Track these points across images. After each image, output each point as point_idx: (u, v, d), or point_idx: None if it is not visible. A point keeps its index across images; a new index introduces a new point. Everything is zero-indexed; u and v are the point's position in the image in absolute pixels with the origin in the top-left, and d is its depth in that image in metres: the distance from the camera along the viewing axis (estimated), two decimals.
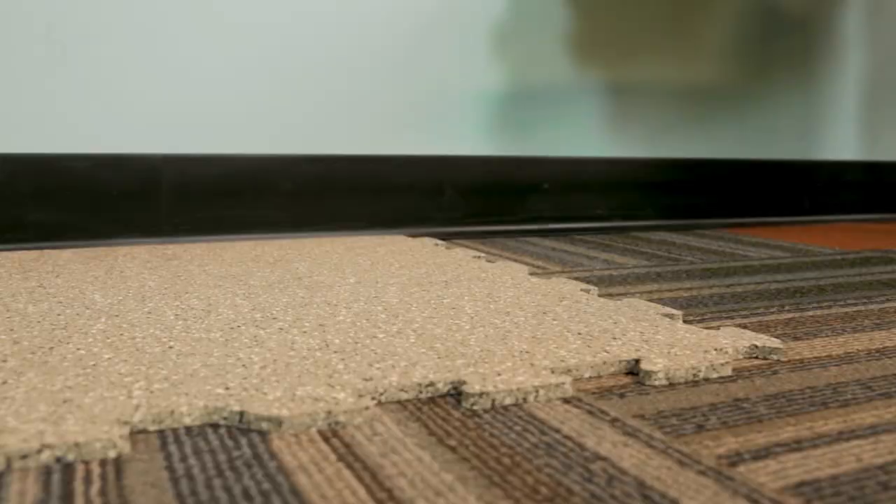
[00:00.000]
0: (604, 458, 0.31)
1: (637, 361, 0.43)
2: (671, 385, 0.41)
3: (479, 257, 0.77)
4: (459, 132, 0.97)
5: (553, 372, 0.41)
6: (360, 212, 0.92)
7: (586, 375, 0.42)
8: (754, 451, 0.32)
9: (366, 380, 0.39)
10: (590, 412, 0.37)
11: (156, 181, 0.82)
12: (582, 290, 0.62)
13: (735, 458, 0.32)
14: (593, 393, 0.40)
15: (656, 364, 0.42)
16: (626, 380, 0.42)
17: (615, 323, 0.51)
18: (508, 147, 0.99)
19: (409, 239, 0.90)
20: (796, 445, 0.33)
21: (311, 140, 0.89)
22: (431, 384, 0.39)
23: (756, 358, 0.46)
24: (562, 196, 1.02)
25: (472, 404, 0.37)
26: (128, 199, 0.81)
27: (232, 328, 0.48)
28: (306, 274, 0.66)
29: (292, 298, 0.56)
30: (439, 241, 0.86)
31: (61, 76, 0.78)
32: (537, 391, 0.38)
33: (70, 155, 0.79)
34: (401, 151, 0.93)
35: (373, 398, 0.38)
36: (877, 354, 0.47)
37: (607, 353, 0.44)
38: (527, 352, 0.44)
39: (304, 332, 0.47)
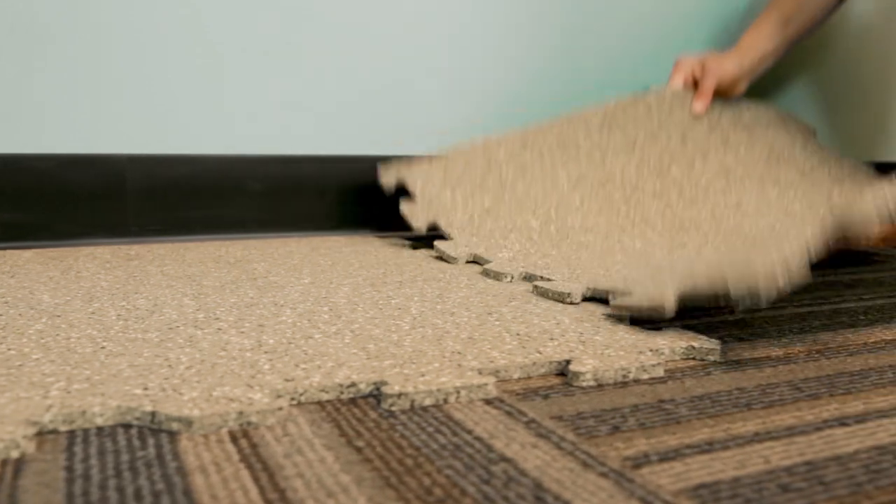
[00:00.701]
0: (508, 460, 0.31)
1: (568, 362, 0.42)
2: (599, 386, 0.41)
3: (453, 259, 0.76)
4: (428, 132, 0.97)
5: (480, 373, 0.41)
6: (329, 212, 0.92)
7: (515, 376, 0.42)
8: (663, 452, 0.32)
9: (287, 380, 0.38)
10: (508, 413, 0.36)
11: (121, 181, 0.81)
12: (531, 290, 0.62)
13: (642, 460, 0.31)
14: (518, 394, 0.39)
15: (585, 365, 0.41)
16: (556, 381, 0.42)
17: (557, 324, 0.51)
18: None
19: (377, 239, 0.90)
20: (707, 447, 0.33)
21: (279, 140, 0.88)
22: (353, 385, 0.39)
23: (693, 359, 0.46)
24: None
25: (391, 405, 0.37)
26: (93, 199, 0.81)
27: (170, 328, 0.48)
28: (262, 274, 0.66)
29: (240, 299, 0.56)
30: (406, 242, 0.86)
31: (25, 76, 0.78)
32: (458, 392, 0.38)
33: (35, 155, 0.79)
34: (371, 152, 0.93)
35: (292, 399, 0.37)
36: (816, 355, 0.47)
37: (540, 354, 0.43)
38: (459, 353, 0.43)
39: (242, 332, 0.47)
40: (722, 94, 1.00)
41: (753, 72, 1.02)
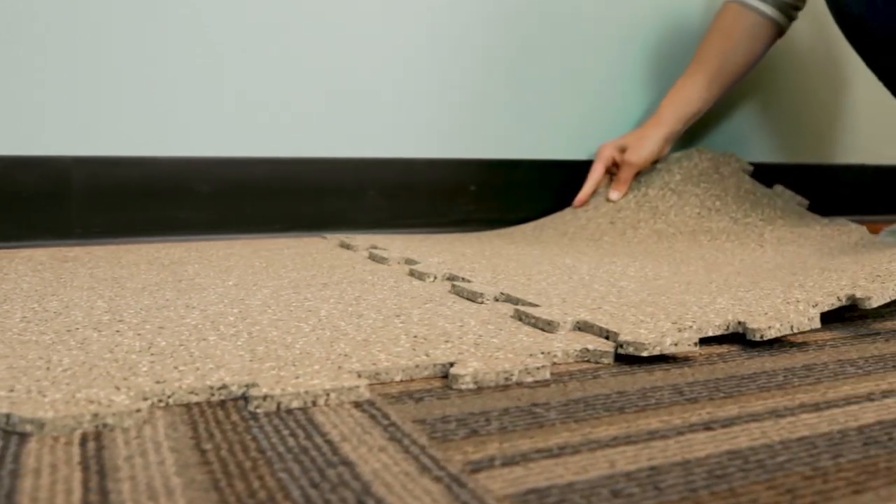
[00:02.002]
0: (348, 464, 0.31)
1: (452, 365, 0.42)
2: (479, 389, 0.40)
3: (385, 260, 0.76)
4: (383, 134, 0.96)
5: (360, 376, 0.40)
6: (280, 214, 0.92)
7: (397, 379, 0.41)
8: (510, 456, 0.32)
9: (158, 382, 0.38)
10: (371, 416, 0.36)
11: (66, 183, 0.82)
12: (450, 291, 0.62)
13: (484, 465, 0.31)
14: (393, 397, 0.39)
15: (467, 368, 0.41)
16: (437, 383, 0.41)
17: (461, 325, 0.50)
18: (434, 149, 0.99)
19: (322, 241, 0.90)
20: (558, 451, 0.32)
21: (228, 142, 0.88)
22: (224, 387, 0.38)
23: (587, 361, 0.46)
24: (489, 198, 1.02)
25: (256, 407, 0.37)
26: (37, 201, 0.81)
27: (68, 330, 0.48)
28: (190, 276, 0.66)
29: (155, 301, 0.56)
30: (353, 243, 0.85)
31: None
32: (328, 394, 0.38)
33: None
34: (322, 154, 0.93)
35: (159, 400, 0.37)
36: (715, 358, 0.47)
37: (427, 356, 0.43)
38: (345, 355, 0.43)
39: (139, 334, 0.47)
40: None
41: (678, 134, 1.05)
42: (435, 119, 1.00)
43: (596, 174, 1.01)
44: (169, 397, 0.38)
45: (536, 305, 0.55)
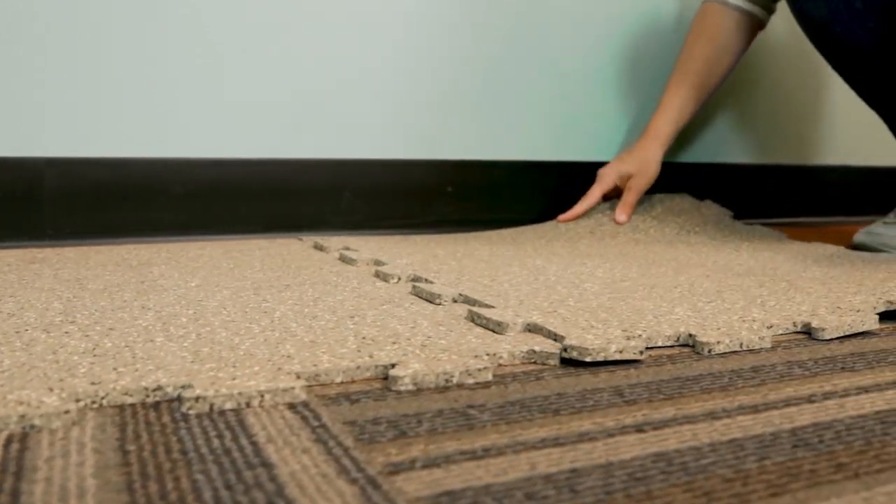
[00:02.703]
0: (268, 466, 0.31)
1: (393, 366, 0.42)
2: (418, 390, 0.40)
3: (354, 261, 0.76)
4: (360, 135, 0.96)
5: (299, 377, 0.40)
6: (255, 216, 0.91)
7: (337, 380, 0.41)
8: (433, 459, 0.32)
9: (93, 384, 0.38)
10: (303, 418, 0.36)
11: (38, 184, 0.82)
12: (411, 292, 0.62)
13: (404, 467, 0.31)
14: (330, 398, 0.39)
15: (408, 369, 0.41)
16: (378, 385, 0.41)
17: (413, 327, 0.50)
18: (411, 150, 0.99)
19: (298, 242, 0.90)
20: (483, 453, 0.32)
21: (203, 143, 0.88)
22: (160, 388, 0.38)
23: (534, 363, 0.45)
24: (467, 200, 1.01)
25: (188, 408, 0.37)
26: (8, 202, 0.81)
27: (17, 332, 0.48)
28: (154, 277, 0.66)
29: (112, 302, 0.56)
30: (327, 245, 0.85)
31: None
32: (262, 396, 0.38)
33: None
34: (298, 155, 0.93)
35: (92, 402, 0.37)
36: (663, 360, 0.46)
37: (370, 358, 0.43)
38: (289, 356, 0.43)
39: (87, 336, 0.47)
40: None
41: (671, 144, 1.06)
42: (412, 120, 1.00)
43: (592, 199, 1.00)
44: (102, 398, 0.37)
45: (492, 307, 0.55)
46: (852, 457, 0.33)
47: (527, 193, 1.05)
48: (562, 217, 1.00)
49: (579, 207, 0.99)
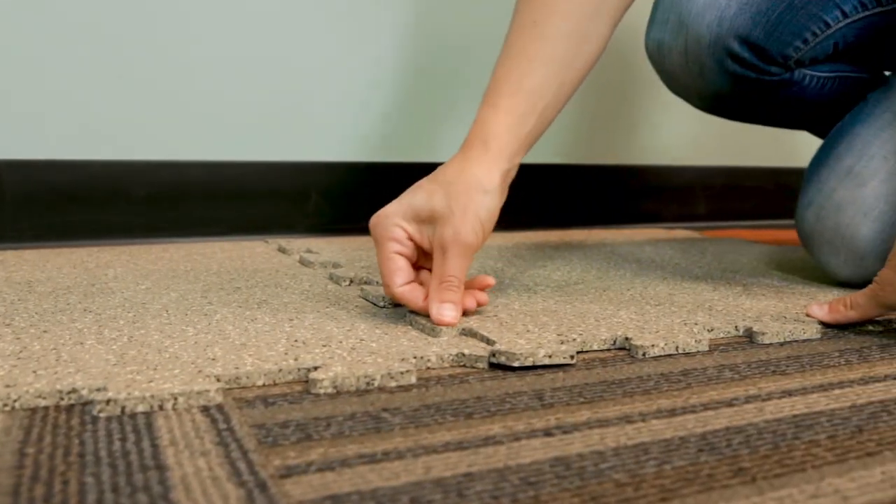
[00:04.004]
0: (161, 468, 0.30)
1: (316, 369, 0.42)
2: (337, 394, 0.40)
3: (311, 263, 0.76)
4: (325, 138, 0.96)
5: (219, 380, 0.40)
6: (221, 218, 0.91)
7: (259, 383, 0.41)
8: (329, 462, 0.31)
9: (7, 386, 0.38)
10: (213, 421, 0.36)
11: None
12: (359, 295, 0.62)
13: (298, 470, 0.31)
14: (246, 401, 0.39)
15: (329, 372, 0.41)
16: (300, 388, 0.41)
17: (349, 329, 0.50)
18: (377, 153, 0.99)
19: (261, 245, 0.90)
20: (382, 457, 0.32)
21: (165, 145, 0.88)
22: (74, 391, 0.38)
23: (464, 366, 0.45)
24: None
25: (99, 411, 0.36)
26: None
27: None
28: (106, 280, 0.66)
29: (55, 304, 0.56)
30: (289, 247, 0.85)
31: None
32: (175, 399, 0.37)
33: None
34: (264, 157, 0.93)
35: (4, 404, 0.37)
36: (597, 363, 0.46)
37: (295, 360, 0.43)
38: (213, 359, 0.43)
39: (18, 338, 0.47)
40: None
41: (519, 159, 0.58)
42: (378, 123, 1.00)
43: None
44: (15, 401, 0.37)
45: None
46: (755, 461, 0.32)
47: None
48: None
49: None
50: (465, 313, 0.52)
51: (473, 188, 0.52)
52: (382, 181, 0.99)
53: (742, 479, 0.31)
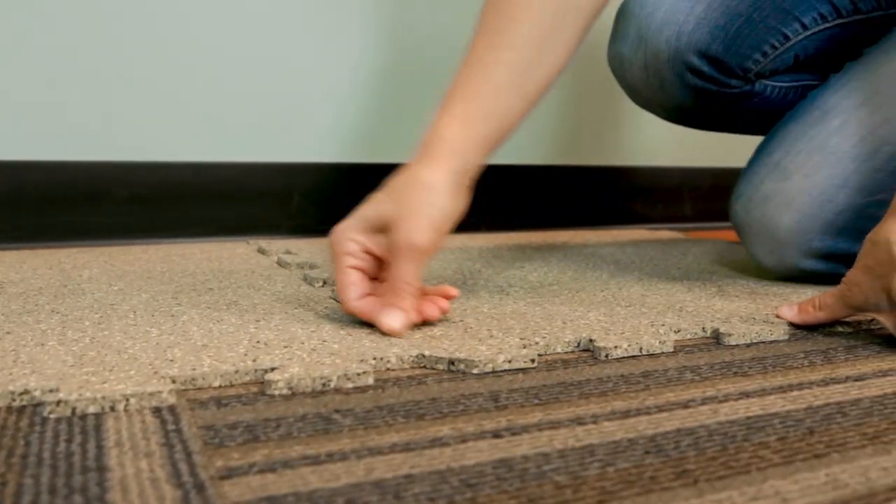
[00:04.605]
0: (101, 470, 0.30)
1: (273, 370, 0.42)
2: (293, 395, 0.40)
3: (288, 265, 0.76)
4: (309, 138, 0.96)
5: (174, 381, 0.40)
6: (205, 219, 0.92)
7: (215, 384, 0.41)
8: (272, 463, 0.31)
9: None
10: (162, 422, 0.36)
11: None
12: (330, 297, 0.61)
13: (239, 471, 0.30)
14: (200, 402, 0.39)
15: (285, 373, 0.41)
16: (256, 389, 0.41)
17: (314, 331, 0.50)
18: (360, 154, 0.99)
19: (243, 246, 0.89)
20: (326, 458, 0.32)
21: (148, 146, 0.89)
22: (27, 392, 0.38)
23: (423, 367, 0.45)
24: None
25: (49, 412, 0.36)
26: None
27: None
28: (80, 282, 0.66)
29: (24, 305, 0.56)
30: (269, 249, 0.85)
31: None
32: (127, 400, 0.37)
33: None
34: (247, 158, 0.93)
35: None
36: (559, 365, 0.46)
37: (253, 362, 0.43)
38: (172, 360, 0.43)
39: None
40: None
41: (474, 175, 0.57)
42: (361, 123, 1.00)
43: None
44: None
45: None
46: (700, 463, 0.32)
47: (478, 197, 1.04)
48: None
49: None
50: (428, 322, 0.52)
51: (421, 190, 0.52)
52: (365, 182, 0.99)
53: (684, 480, 0.30)
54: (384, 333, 0.49)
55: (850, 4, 0.74)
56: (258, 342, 0.47)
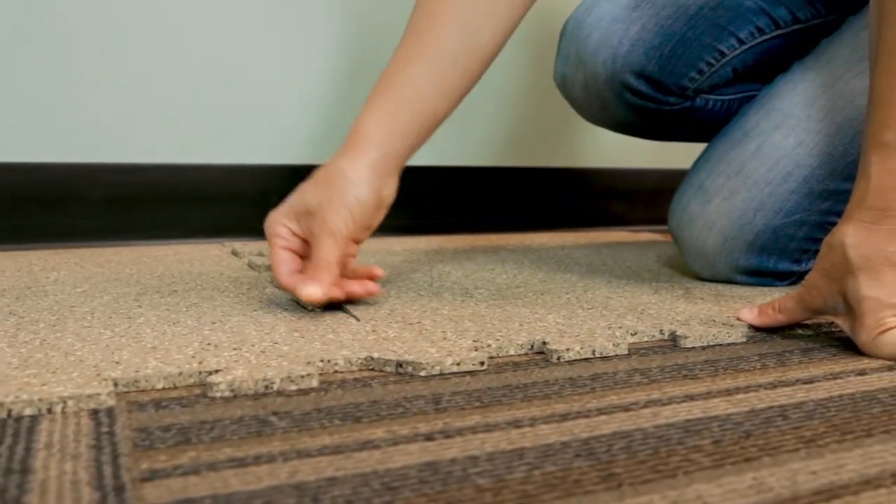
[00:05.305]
0: (26, 472, 0.30)
1: (216, 372, 0.42)
2: (234, 397, 0.40)
3: (258, 267, 0.76)
4: (286, 140, 0.96)
5: (116, 384, 0.40)
6: (181, 221, 0.92)
7: (159, 386, 0.41)
8: (197, 466, 0.31)
9: None
10: (97, 424, 0.36)
11: None
12: (291, 299, 0.61)
13: (164, 474, 0.30)
14: (141, 404, 0.38)
15: (227, 376, 0.41)
16: (199, 391, 0.41)
17: (268, 333, 0.50)
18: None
19: (217, 248, 0.89)
20: (252, 461, 0.32)
21: (122, 148, 0.89)
22: None
23: (371, 370, 0.45)
24: (397, 204, 1.01)
25: None
26: None
27: None
28: (44, 283, 0.66)
29: None
30: (242, 251, 0.85)
31: None
32: (65, 402, 0.37)
33: None
34: (223, 160, 0.93)
35: None
36: (509, 367, 0.46)
37: (199, 364, 0.43)
38: (118, 362, 0.43)
39: None
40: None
41: (399, 163, 0.61)
42: (338, 125, 1.00)
43: None
44: None
45: (355, 317, 0.54)
46: (629, 467, 0.32)
47: (462, 199, 1.04)
48: None
49: None
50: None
51: (339, 180, 0.58)
52: None
53: (608, 484, 0.30)
54: (334, 336, 0.49)
55: (789, 15, 0.75)
56: (209, 344, 0.47)
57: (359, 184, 0.57)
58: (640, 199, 1.20)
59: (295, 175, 0.98)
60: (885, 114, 0.46)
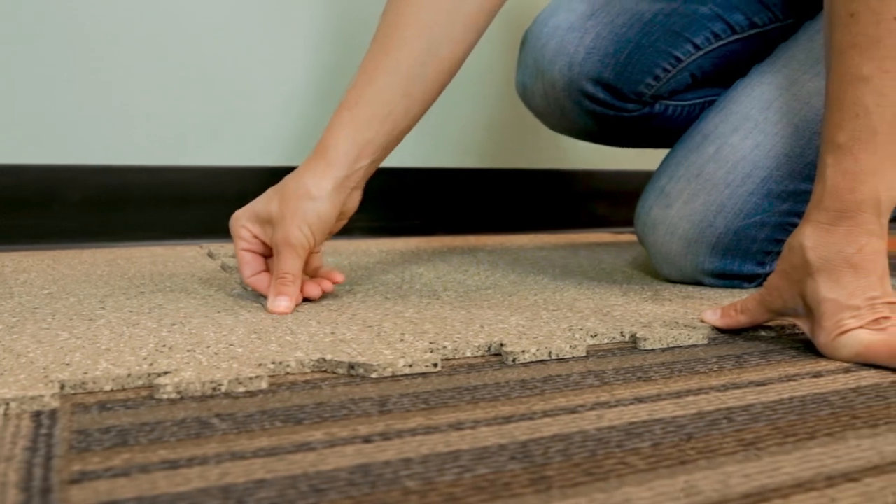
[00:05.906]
0: None
1: (165, 374, 0.42)
2: (181, 399, 0.40)
3: (230, 269, 0.76)
4: (265, 143, 0.96)
5: (63, 386, 0.40)
6: (159, 223, 0.92)
7: (107, 388, 0.41)
8: (128, 468, 0.31)
9: None
10: (38, 426, 0.36)
11: None
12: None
13: (93, 476, 0.30)
14: (85, 406, 0.38)
15: (174, 378, 0.41)
16: (146, 393, 0.41)
17: (225, 335, 0.50)
18: None
19: (194, 250, 0.89)
20: (185, 463, 0.32)
21: (102, 150, 0.89)
22: None
23: (325, 371, 0.45)
24: (375, 206, 1.01)
25: None
26: None
27: None
28: (12, 285, 0.65)
29: None
30: (218, 253, 0.85)
31: None
32: (7, 404, 0.37)
33: None
34: (203, 162, 0.93)
35: None
36: (462, 369, 0.46)
37: (150, 366, 0.43)
38: (68, 364, 0.43)
39: None
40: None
41: (365, 177, 0.62)
42: (317, 127, 0.99)
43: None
44: None
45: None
46: (562, 470, 0.32)
47: (441, 200, 1.04)
48: None
49: None
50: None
51: (302, 195, 0.59)
52: None
53: (537, 487, 0.30)
54: (291, 339, 0.49)
55: (745, 20, 0.75)
56: (164, 346, 0.47)
57: (322, 200, 0.58)
58: (623, 201, 1.20)
59: (275, 177, 0.98)
60: (838, 115, 0.46)
